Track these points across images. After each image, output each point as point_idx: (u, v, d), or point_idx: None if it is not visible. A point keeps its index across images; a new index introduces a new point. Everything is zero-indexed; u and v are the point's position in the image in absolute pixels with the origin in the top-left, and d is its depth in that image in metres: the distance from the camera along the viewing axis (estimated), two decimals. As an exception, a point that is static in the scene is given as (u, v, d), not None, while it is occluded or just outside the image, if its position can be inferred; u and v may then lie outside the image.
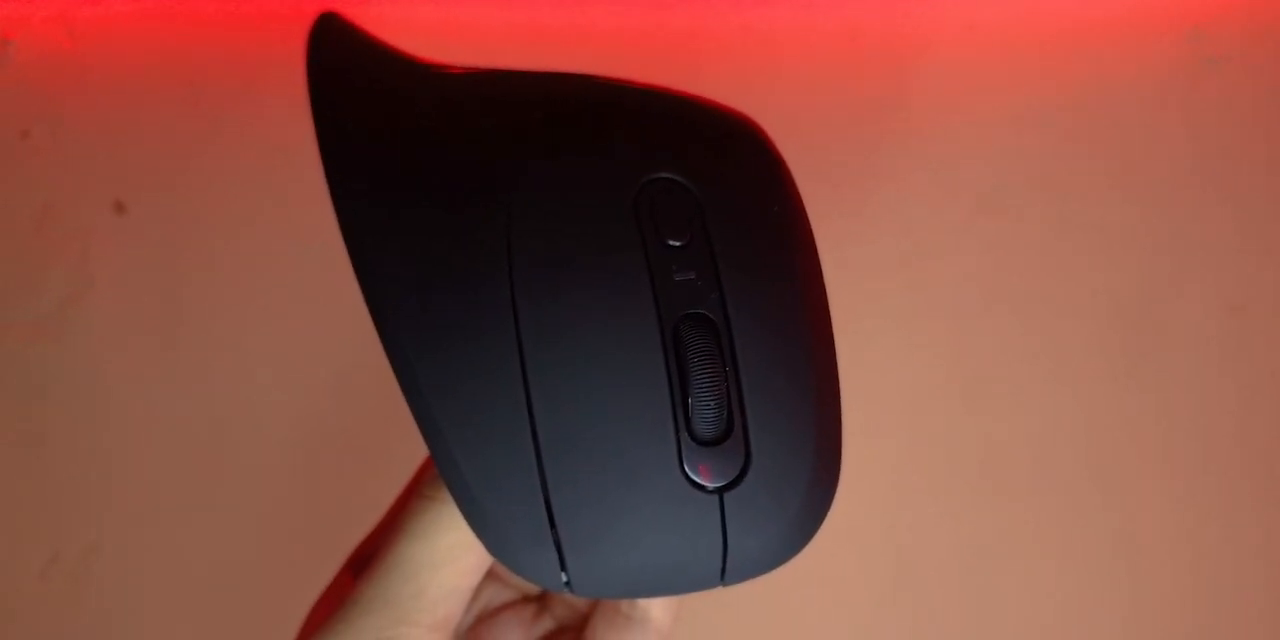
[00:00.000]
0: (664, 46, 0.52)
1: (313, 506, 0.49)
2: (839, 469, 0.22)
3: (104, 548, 0.49)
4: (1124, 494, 0.50)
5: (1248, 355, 0.50)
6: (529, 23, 0.52)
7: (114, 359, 0.50)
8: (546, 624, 0.28)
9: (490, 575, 0.28)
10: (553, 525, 0.20)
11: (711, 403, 0.20)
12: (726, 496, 0.20)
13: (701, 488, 0.20)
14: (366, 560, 0.26)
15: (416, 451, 0.32)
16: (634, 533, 0.20)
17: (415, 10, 0.52)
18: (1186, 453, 0.50)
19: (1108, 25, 0.52)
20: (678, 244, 0.20)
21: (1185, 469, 0.50)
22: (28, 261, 0.50)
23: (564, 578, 0.20)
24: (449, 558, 0.22)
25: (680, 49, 0.52)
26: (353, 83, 0.23)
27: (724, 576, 0.21)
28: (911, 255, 0.50)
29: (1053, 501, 0.50)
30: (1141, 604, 0.50)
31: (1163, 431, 0.50)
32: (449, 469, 0.20)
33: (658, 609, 0.25)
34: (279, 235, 0.50)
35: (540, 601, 0.28)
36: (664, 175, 0.21)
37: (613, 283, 0.20)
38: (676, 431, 0.20)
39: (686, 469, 0.20)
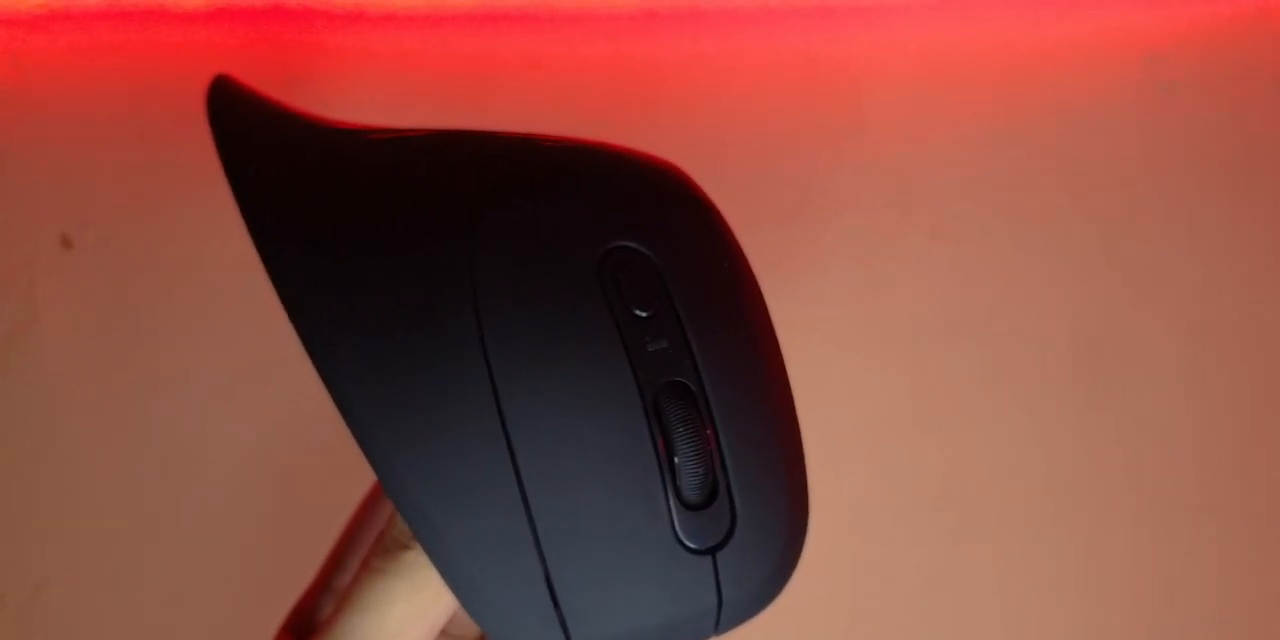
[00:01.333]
0: (619, 75, 0.51)
1: (264, 545, 0.48)
2: (808, 512, 0.23)
3: (51, 587, 0.49)
4: (1086, 521, 0.50)
5: (1208, 379, 0.50)
6: (482, 52, 0.51)
7: (60, 395, 0.49)
8: None
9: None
10: (556, 605, 0.20)
11: (699, 468, 0.21)
12: (718, 556, 0.21)
13: (693, 550, 0.21)
14: (307, 625, 0.25)
15: (367, 490, 0.32)
16: (634, 600, 0.20)
17: (361, 39, 0.51)
18: (1149, 478, 0.50)
19: (1065, 51, 0.52)
20: (645, 314, 0.21)
21: (1148, 495, 0.50)
22: (-29, 296, 0.49)
23: None
24: (399, 630, 0.22)
25: (635, 77, 0.51)
26: (272, 149, 0.22)
27: (718, 627, 0.21)
28: (869, 283, 0.50)
29: (1014, 530, 0.50)
30: (1104, 632, 0.50)
31: (1125, 457, 0.50)
32: (445, 557, 0.19)
33: None
34: (229, 270, 0.49)
35: None
36: (622, 244, 0.21)
37: (591, 359, 0.20)
38: (667, 499, 0.20)
39: (680, 534, 0.20)
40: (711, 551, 0.21)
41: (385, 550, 0.23)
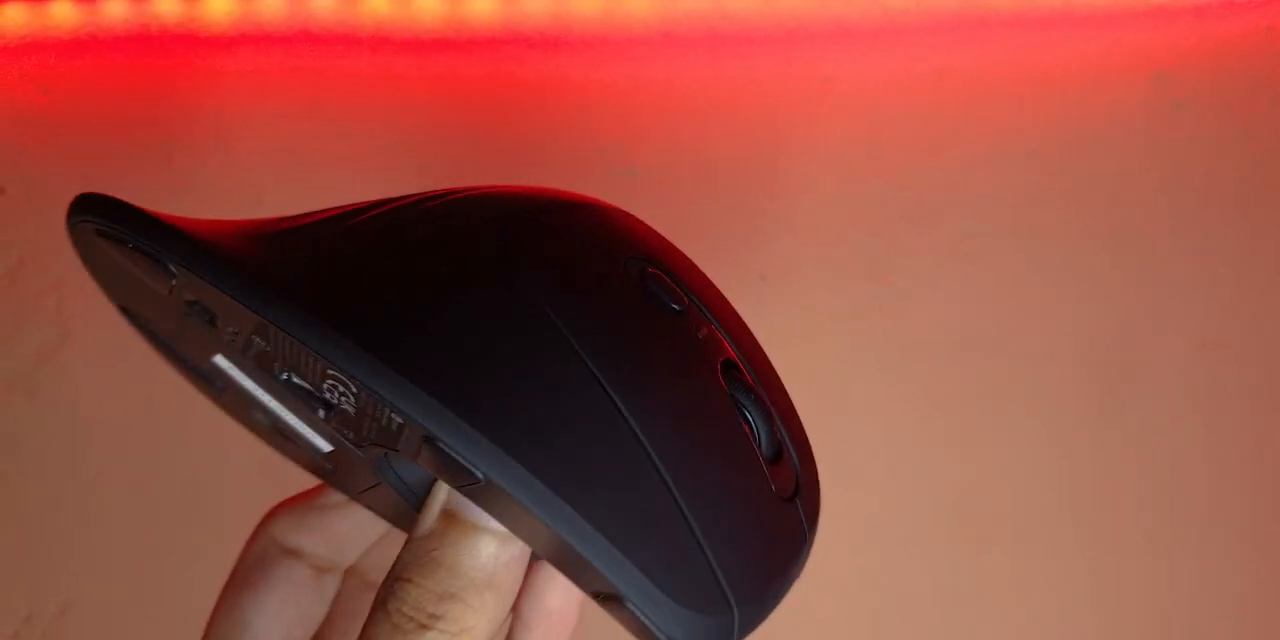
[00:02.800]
0: (637, 97, 0.52)
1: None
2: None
3: (78, 606, 0.49)
4: (1101, 535, 0.50)
5: (1219, 393, 0.50)
6: (503, 74, 0.52)
7: (89, 414, 0.50)
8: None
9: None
10: (721, 588, 0.21)
11: (769, 428, 0.23)
12: (797, 501, 0.23)
13: (785, 499, 0.23)
14: None
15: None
16: (771, 560, 0.22)
17: (385, 63, 0.52)
18: (1162, 492, 0.50)
19: (1076, 69, 0.53)
20: (679, 308, 0.23)
21: (1162, 508, 0.50)
22: (1, 318, 0.50)
23: (736, 626, 0.21)
24: None
25: (653, 99, 0.52)
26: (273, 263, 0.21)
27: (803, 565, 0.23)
28: (885, 301, 0.51)
29: (1030, 545, 0.50)
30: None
31: (1139, 471, 0.50)
32: (629, 578, 0.20)
33: (558, 598, 0.24)
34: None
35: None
36: (631, 257, 0.23)
37: (675, 352, 0.22)
38: (760, 458, 0.22)
39: (773, 486, 0.22)
40: (793, 498, 0.23)
41: (397, 632, 0.21)
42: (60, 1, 0.52)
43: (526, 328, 0.21)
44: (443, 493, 0.22)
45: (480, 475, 0.19)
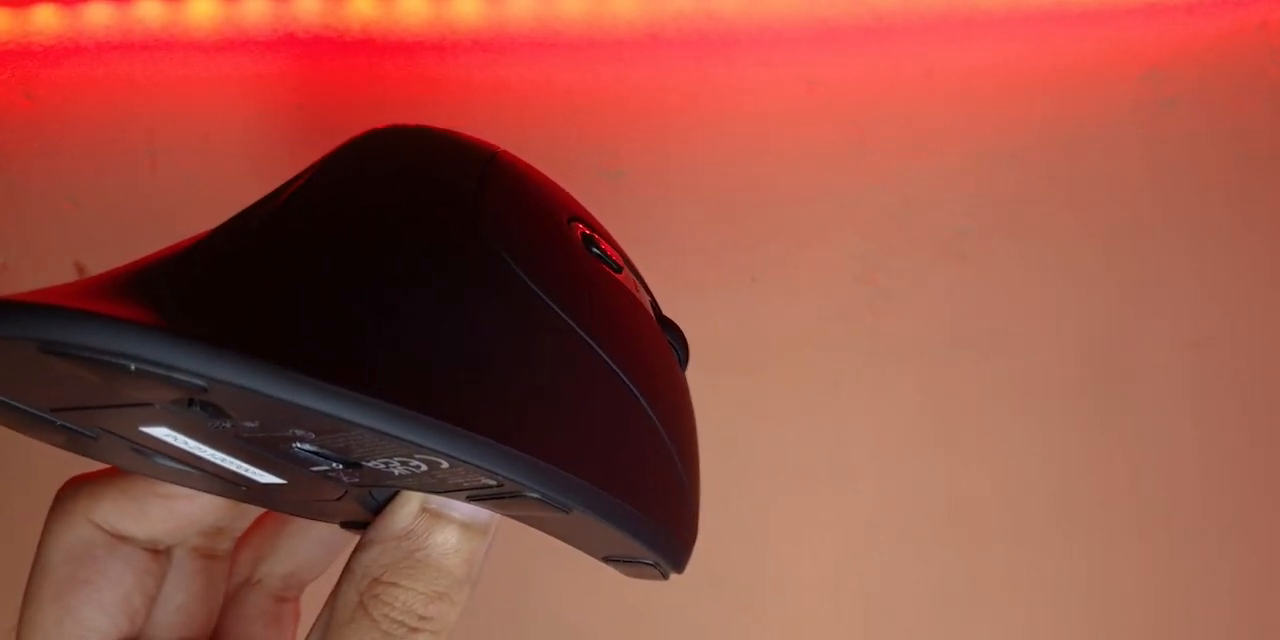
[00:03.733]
0: (625, 99, 0.52)
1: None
2: None
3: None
4: (1094, 535, 0.50)
5: (1212, 391, 0.50)
6: (491, 78, 0.52)
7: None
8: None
9: None
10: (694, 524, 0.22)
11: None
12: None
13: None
14: None
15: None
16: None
17: (371, 66, 0.52)
18: (1155, 492, 0.50)
19: (1066, 68, 0.53)
20: (619, 267, 0.23)
21: (1154, 508, 0.50)
22: (-14, 325, 0.50)
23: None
24: None
25: (641, 101, 0.52)
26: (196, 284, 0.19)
27: None
28: (875, 301, 0.50)
29: (1022, 545, 0.50)
30: (1119, 648, 0.50)
31: (1130, 471, 0.50)
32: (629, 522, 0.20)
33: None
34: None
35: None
36: (572, 215, 0.23)
37: (635, 312, 0.23)
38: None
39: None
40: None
41: (388, 637, 0.20)
42: (43, 6, 0.51)
43: (544, 332, 0.20)
44: (417, 494, 0.21)
45: (564, 506, 0.19)
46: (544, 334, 0.20)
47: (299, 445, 0.18)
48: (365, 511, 0.22)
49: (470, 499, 0.20)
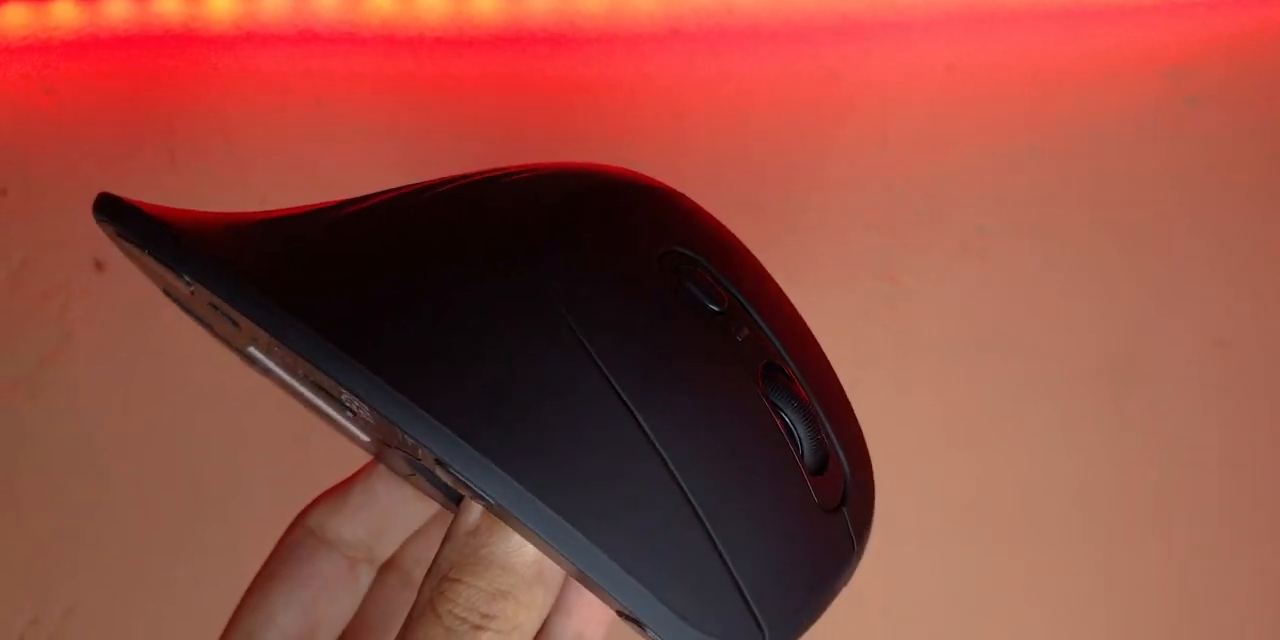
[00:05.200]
0: (644, 94, 0.52)
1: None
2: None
3: (83, 609, 0.49)
4: (1115, 536, 0.49)
5: (1234, 391, 0.50)
6: (508, 73, 0.52)
7: (93, 417, 0.49)
8: None
9: None
10: (748, 605, 0.20)
11: (814, 435, 0.22)
12: (845, 510, 0.22)
13: (830, 510, 0.22)
14: None
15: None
16: (805, 572, 0.21)
17: (389, 62, 0.52)
18: (1176, 491, 0.49)
19: (1088, 64, 0.52)
20: (718, 310, 0.21)
21: (1176, 509, 0.49)
22: (5, 319, 0.50)
23: None
24: None
25: (660, 96, 0.52)
26: (274, 254, 0.21)
27: (850, 575, 0.23)
28: (895, 300, 0.50)
29: (1042, 545, 0.49)
30: (1140, 649, 0.49)
31: (1152, 471, 0.50)
32: (646, 605, 0.19)
33: (592, 627, 0.25)
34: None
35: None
36: (669, 250, 0.22)
37: (704, 356, 0.21)
38: (801, 468, 0.21)
39: (816, 497, 0.21)
40: (839, 508, 0.22)
41: (452, 635, 0.21)
42: (62, 1, 0.51)
43: (545, 341, 0.20)
44: None
45: (493, 502, 0.19)
46: (578, 398, 0.19)
47: (301, 373, 0.21)
48: (449, 501, 0.24)
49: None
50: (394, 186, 0.23)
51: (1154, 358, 0.50)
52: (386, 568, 0.27)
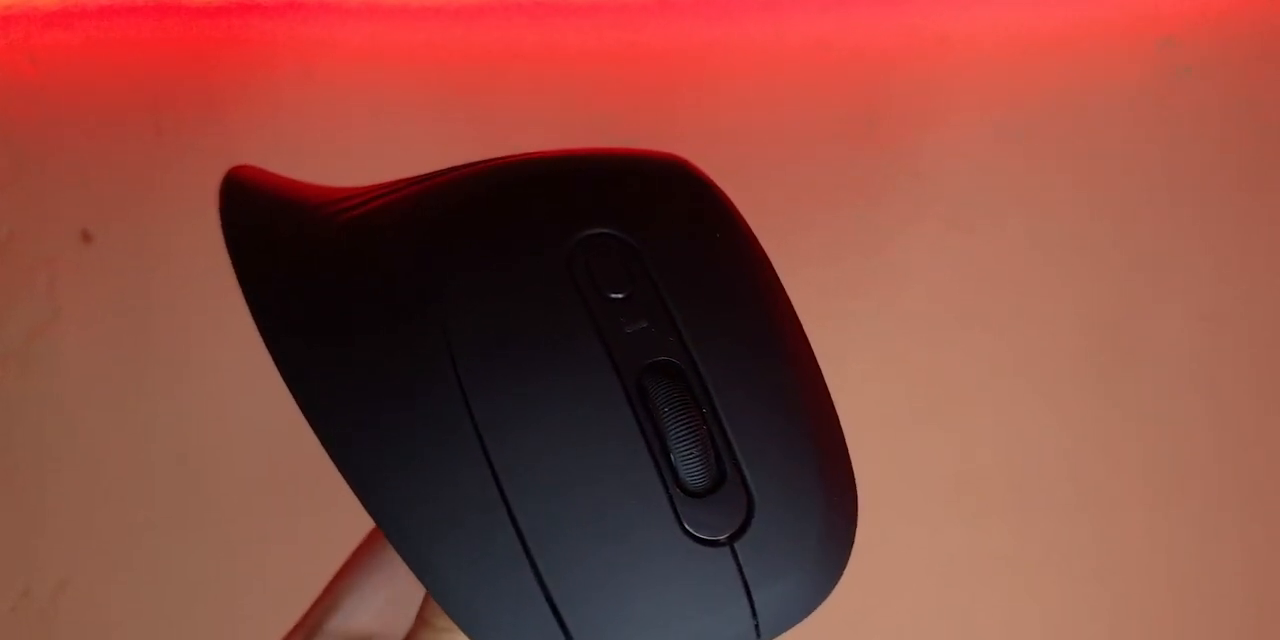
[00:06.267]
0: (633, 65, 0.51)
1: (286, 539, 0.49)
2: (854, 491, 0.21)
3: (75, 583, 0.49)
4: (1102, 510, 0.50)
5: (1222, 367, 0.50)
6: (496, 43, 0.51)
7: (82, 390, 0.49)
8: None
9: None
10: (561, 624, 0.18)
11: (695, 450, 0.19)
12: (737, 545, 0.19)
13: (709, 541, 0.19)
14: None
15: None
16: (649, 608, 0.18)
17: (376, 33, 0.51)
18: (1164, 466, 0.50)
19: (1078, 35, 0.52)
20: (620, 296, 0.19)
21: (1163, 483, 0.50)
22: (-7, 292, 0.50)
23: None
24: None
25: (649, 67, 0.51)
26: (266, 241, 0.22)
27: (759, 631, 0.19)
28: (883, 273, 0.50)
29: (1029, 521, 0.50)
30: (1120, 621, 0.50)
31: (1140, 445, 0.50)
32: (443, 596, 0.18)
33: None
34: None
35: None
36: (596, 231, 0.20)
37: (559, 349, 0.19)
38: (666, 488, 0.19)
39: (687, 525, 0.19)
40: (730, 541, 0.19)
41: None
42: (46, -30, 0.51)
43: (402, 310, 0.19)
44: None
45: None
46: (429, 415, 0.19)
47: None
48: None
49: None
50: (385, 180, 0.23)
51: (1142, 332, 0.50)
52: None
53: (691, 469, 0.19)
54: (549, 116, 0.51)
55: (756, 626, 0.19)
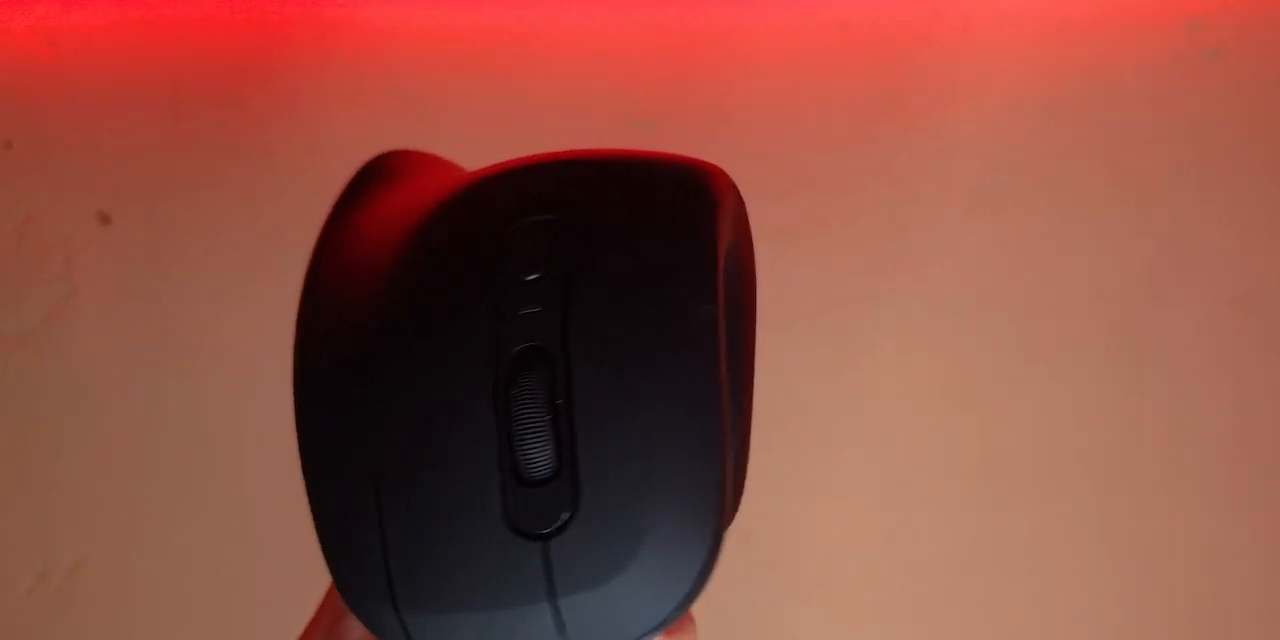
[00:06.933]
0: (653, 47, 0.51)
1: (300, 520, 0.48)
2: (719, 512, 0.19)
3: (91, 564, 0.49)
4: (1123, 493, 0.49)
5: (1247, 349, 0.49)
6: (518, 25, 0.51)
7: (99, 370, 0.49)
8: None
9: None
10: (388, 575, 0.18)
11: (535, 440, 0.18)
12: (551, 543, 0.18)
13: (522, 534, 0.18)
14: None
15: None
16: (460, 582, 0.18)
17: (397, 14, 0.51)
18: (1187, 450, 0.49)
19: (1105, 17, 0.51)
20: (533, 278, 0.19)
21: (1186, 467, 0.49)
22: (10, 273, 0.50)
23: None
24: None
25: (670, 48, 0.51)
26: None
27: (564, 632, 0.18)
28: (906, 254, 0.50)
29: (1052, 503, 0.49)
30: (1140, 605, 0.49)
31: (1163, 429, 0.49)
32: (323, 544, 0.19)
33: None
34: (262, 242, 0.49)
35: None
36: (543, 217, 0.20)
37: (449, 327, 0.19)
38: (500, 474, 0.18)
39: (510, 514, 0.18)
40: (544, 537, 0.18)
41: None
42: (64, -48, 0.51)
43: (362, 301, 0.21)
44: None
45: None
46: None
47: None
48: None
49: None
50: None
51: (1167, 316, 0.49)
52: None
53: (528, 458, 0.18)
54: (568, 98, 0.51)
55: (564, 632, 0.18)
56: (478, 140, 0.50)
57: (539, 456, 0.18)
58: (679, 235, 0.20)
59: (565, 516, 0.18)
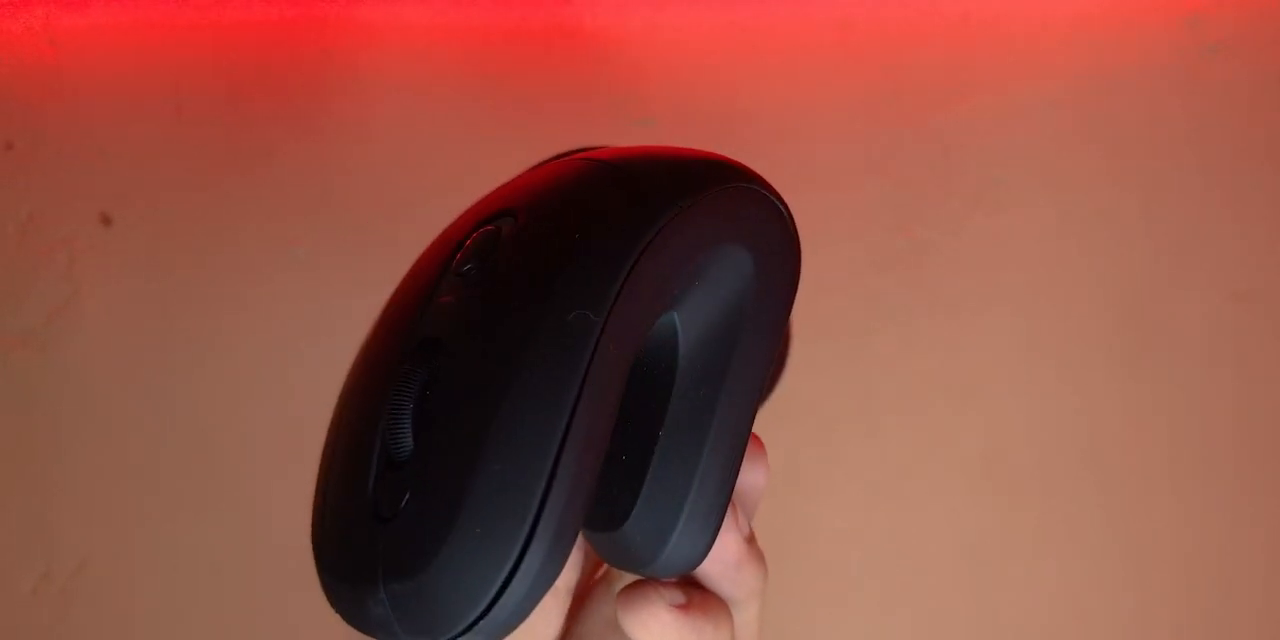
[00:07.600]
0: (656, 45, 0.51)
1: (306, 520, 0.48)
2: (537, 511, 0.18)
3: (95, 564, 0.49)
4: (1126, 489, 0.49)
5: (1250, 345, 0.49)
6: (516, 24, 0.51)
7: (101, 371, 0.49)
8: None
9: None
10: (318, 554, 0.19)
11: (396, 423, 0.18)
12: (388, 525, 0.18)
13: (375, 514, 0.18)
14: None
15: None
16: (336, 561, 0.19)
17: (396, 13, 0.51)
18: (1190, 446, 0.49)
19: (1106, 13, 0.51)
20: (468, 269, 0.19)
21: (1189, 462, 0.49)
22: (12, 274, 0.50)
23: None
24: None
25: (670, 46, 0.51)
26: None
27: (398, 625, 0.18)
28: (908, 252, 0.50)
29: (1055, 498, 0.49)
30: (1144, 599, 0.49)
31: (1166, 425, 0.49)
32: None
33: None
34: (265, 244, 0.49)
35: None
36: (504, 209, 0.20)
37: (390, 315, 0.20)
38: (374, 453, 0.19)
39: (373, 493, 0.19)
40: (384, 520, 0.18)
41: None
42: (65, -48, 0.51)
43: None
44: None
45: None
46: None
47: None
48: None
49: None
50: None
51: (1170, 312, 0.49)
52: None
53: (394, 441, 0.19)
54: (566, 97, 0.51)
55: (392, 616, 0.18)
56: (480, 139, 0.50)
57: (401, 440, 0.18)
58: (598, 236, 0.19)
59: (405, 501, 0.18)
